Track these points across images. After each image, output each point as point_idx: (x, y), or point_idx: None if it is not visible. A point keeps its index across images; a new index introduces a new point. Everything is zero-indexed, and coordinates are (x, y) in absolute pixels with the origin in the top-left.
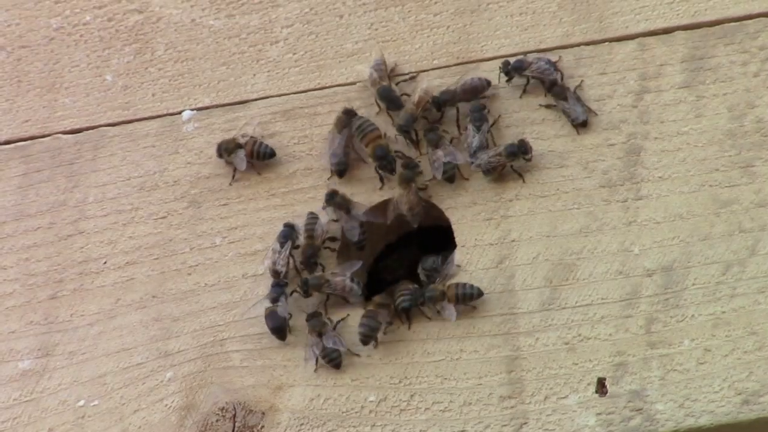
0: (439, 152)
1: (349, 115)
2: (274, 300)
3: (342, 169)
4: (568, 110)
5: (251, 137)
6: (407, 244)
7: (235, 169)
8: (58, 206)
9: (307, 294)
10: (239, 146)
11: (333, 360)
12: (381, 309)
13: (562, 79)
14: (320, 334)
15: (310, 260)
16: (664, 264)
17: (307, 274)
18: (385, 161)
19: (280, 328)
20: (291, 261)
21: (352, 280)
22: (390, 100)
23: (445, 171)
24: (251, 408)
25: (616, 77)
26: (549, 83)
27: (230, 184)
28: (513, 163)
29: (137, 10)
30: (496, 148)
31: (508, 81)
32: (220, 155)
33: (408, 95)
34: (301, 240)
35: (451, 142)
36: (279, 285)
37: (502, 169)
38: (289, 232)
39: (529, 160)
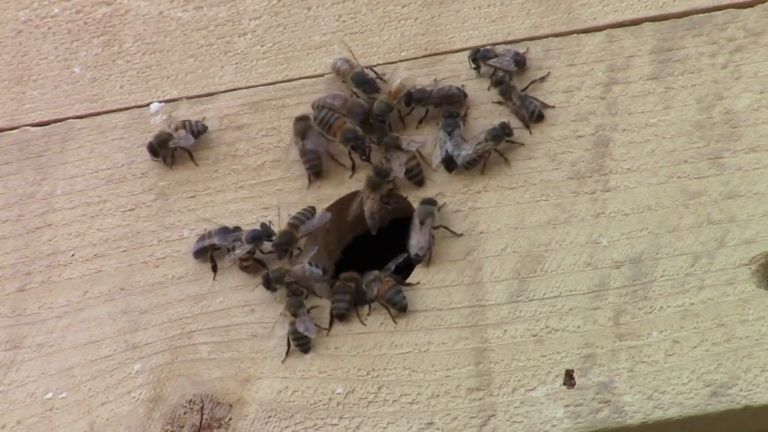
0: (401, 152)
1: (304, 119)
2: (294, 314)
3: (318, 171)
4: (516, 109)
5: (181, 122)
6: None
7: (173, 161)
8: (26, 198)
9: (270, 288)
10: (171, 134)
11: (302, 345)
12: (349, 283)
13: (518, 74)
14: (295, 315)
15: (282, 246)
16: (632, 256)
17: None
18: (357, 141)
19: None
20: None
21: (310, 264)
22: (366, 83)
23: (410, 170)
24: (219, 400)
25: (585, 69)
26: (494, 81)
27: (197, 164)
28: (498, 147)
29: (105, 3)
30: (475, 137)
31: (476, 69)
32: (155, 154)
33: (383, 80)
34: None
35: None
36: (296, 295)
37: (488, 156)
38: (259, 234)
39: (513, 141)
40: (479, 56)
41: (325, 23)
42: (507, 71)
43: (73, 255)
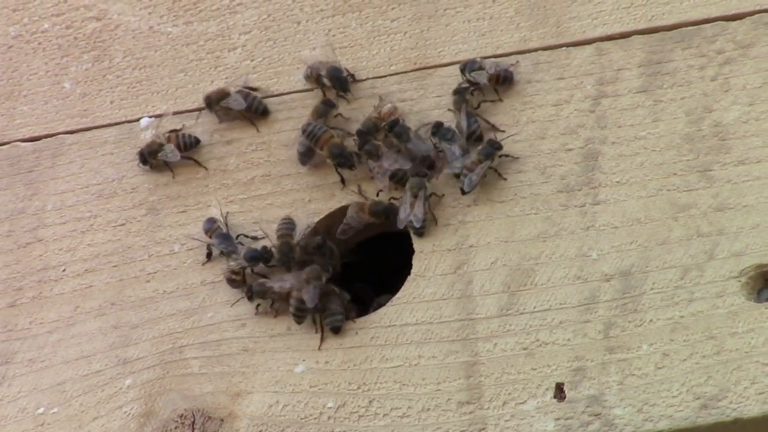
0: (383, 162)
1: (327, 105)
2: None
3: (305, 158)
4: (458, 123)
5: (173, 133)
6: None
7: (171, 169)
8: (17, 214)
9: (251, 299)
10: (162, 145)
11: (335, 326)
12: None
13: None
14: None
15: (284, 259)
16: (622, 269)
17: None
18: (342, 158)
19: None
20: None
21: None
22: (339, 79)
23: (398, 177)
24: (210, 415)
25: (574, 82)
26: (454, 90)
27: (174, 178)
28: (491, 164)
29: (95, 18)
30: (467, 156)
31: (469, 82)
32: (144, 161)
33: (353, 77)
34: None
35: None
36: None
37: (485, 176)
38: (258, 255)
39: (505, 155)
40: (466, 68)
41: (315, 37)
42: (476, 83)
43: (63, 270)
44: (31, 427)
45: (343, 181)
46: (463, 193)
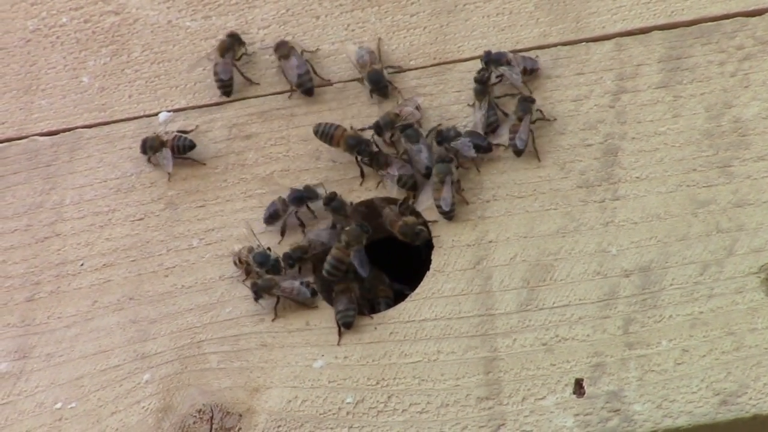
0: (392, 169)
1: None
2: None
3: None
4: (513, 130)
5: (174, 132)
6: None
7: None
8: (35, 208)
9: (257, 296)
10: (163, 144)
11: (347, 323)
12: (343, 294)
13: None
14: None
15: (292, 258)
16: (641, 264)
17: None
18: (362, 146)
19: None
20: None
21: (301, 283)
22: (378, 84)
23: (403, 182)
24: (228, 410)
25: (593, 77)
26: (475, 78)
27: (169, 180)
28: (532, 119)
29: (114, 12)
30: (508, 121)
31: (484, 71)
32: (144, 152)
33: (395, 87)
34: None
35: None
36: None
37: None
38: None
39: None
40: (491, 60)
41: (334, 32)
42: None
43: (82, 264)
44: (49, 422)
45: (362, 174)
46: (519, 153)
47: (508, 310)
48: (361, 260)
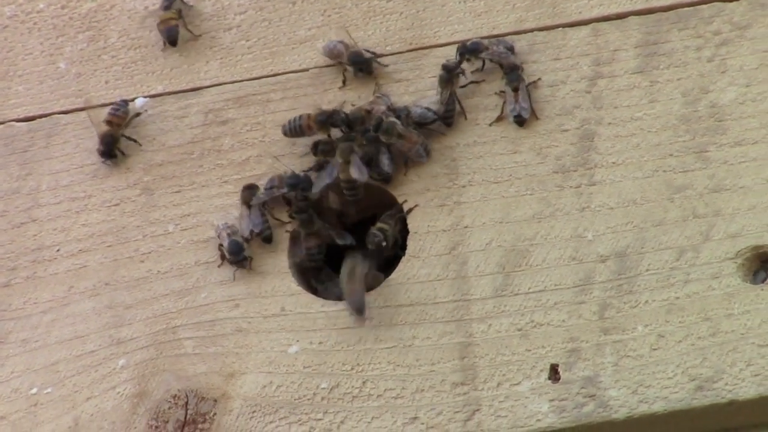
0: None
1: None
2: None
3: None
4: (512, 102)
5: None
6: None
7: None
8: (11, 194)
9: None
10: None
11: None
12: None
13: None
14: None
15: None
16: (617, 250)
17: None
18: (332, 118)
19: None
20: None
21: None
22: (362, 62)
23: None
24: (203, 395)
25: (570, 63)
26: (508, 66)
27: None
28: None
29: None
30: (507, 95)
31: (460, 62)
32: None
33: (380, 63)
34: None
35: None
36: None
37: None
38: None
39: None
40: (467, 50)
41: (310, 18)
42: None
43: (58, 250)
44: (25, 407)
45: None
46: (522, 122)
47: (483, 295)
48: (358, 166)
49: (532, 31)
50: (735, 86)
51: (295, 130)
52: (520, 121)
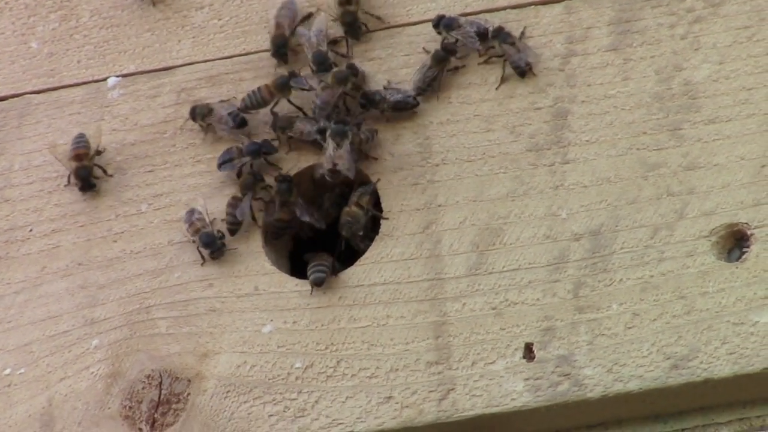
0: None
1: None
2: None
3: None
4: (515, 54)
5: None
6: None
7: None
8: None
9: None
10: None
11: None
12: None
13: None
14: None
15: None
16: (591, 228)
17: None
18: (291, 79)
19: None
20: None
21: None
22: (321, 64)
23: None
24: (177, 375)
25: (543, 41)
26: (493, 31)
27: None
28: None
29: None
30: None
31: (454, 43)
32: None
33: (344, 56)
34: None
35: None
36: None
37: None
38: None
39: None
40: (442, 25)
41: None
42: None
43: (30, 230)
44: None
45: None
46: (523, 73)
47: (457, 274)
48: (326, 99)
49: (504, 9)
50: (708, 63)
51: (255, 104)
52: (528, 68)
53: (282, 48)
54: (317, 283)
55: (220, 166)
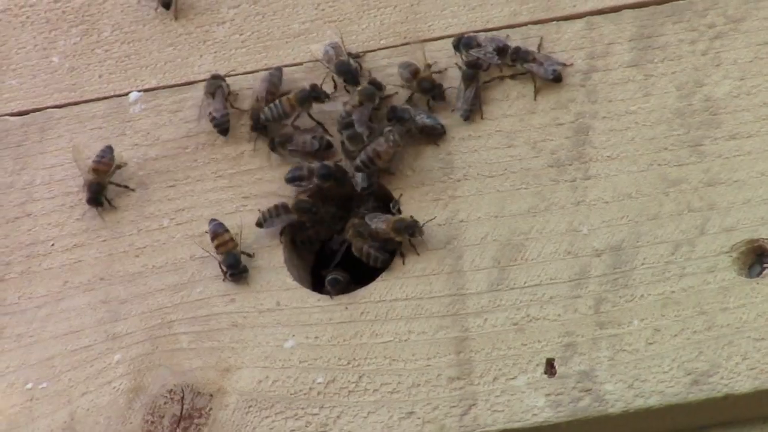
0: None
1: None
2: None
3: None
4: (540, 66)
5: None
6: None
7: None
8: (5, 189)
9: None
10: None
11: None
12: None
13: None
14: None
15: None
16: (612, 244)
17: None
18: (313, 93)
19: None
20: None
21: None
22: (348, 73)
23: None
24: (199, 390)
25: (564, 56)
26: (513, 50)
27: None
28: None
29: None
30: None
31: (479, 57)
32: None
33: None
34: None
35: None
36: None
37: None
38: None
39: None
40: (461, 45)
41: (304, 11)
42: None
43: (52, 245)
44: (20, 402)
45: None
46: (558, 78)
47: (479, 289)
48: (360, 117)
49: (526, 24)
50: (729, 79)
51: (278, 114)
52: (559, 77)
53: (258, 122)
54: (332, 285)
55: (288, 181)
